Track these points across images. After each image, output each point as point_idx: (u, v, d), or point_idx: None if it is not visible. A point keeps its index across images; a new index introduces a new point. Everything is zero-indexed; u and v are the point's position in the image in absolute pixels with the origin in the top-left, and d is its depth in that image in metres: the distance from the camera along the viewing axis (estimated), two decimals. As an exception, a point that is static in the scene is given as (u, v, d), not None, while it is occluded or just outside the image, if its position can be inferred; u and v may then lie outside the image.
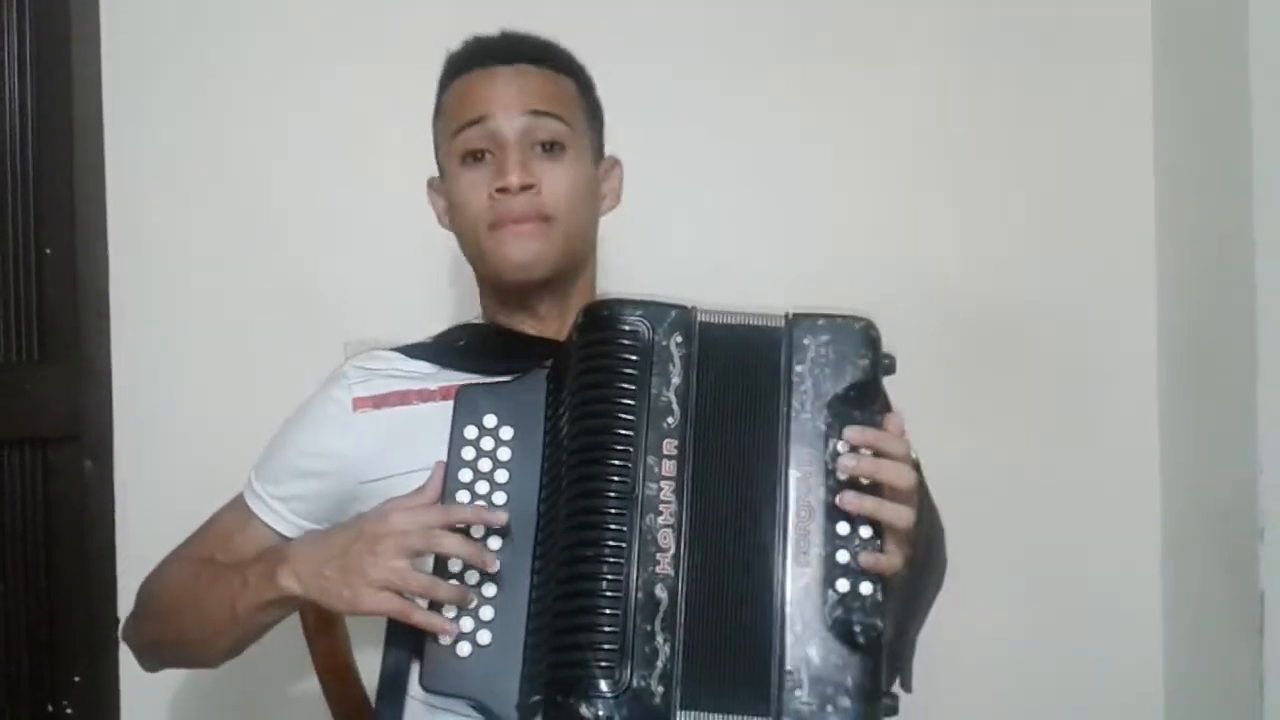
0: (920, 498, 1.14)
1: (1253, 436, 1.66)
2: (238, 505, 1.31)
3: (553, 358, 1.21)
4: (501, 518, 1.12)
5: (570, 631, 1.07)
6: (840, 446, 1.10)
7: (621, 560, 1.07)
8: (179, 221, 1.82)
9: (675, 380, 1.13)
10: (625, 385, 1.12)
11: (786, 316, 1.16)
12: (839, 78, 1.88)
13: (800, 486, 1.10)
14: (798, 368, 1.13)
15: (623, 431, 1.11)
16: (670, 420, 1.12)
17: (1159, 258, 1.90)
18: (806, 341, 1.14)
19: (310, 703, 1.53)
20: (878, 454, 1.10)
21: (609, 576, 1.07)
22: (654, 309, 1.15)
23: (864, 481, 1.09)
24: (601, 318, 1.16)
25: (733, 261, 1.85)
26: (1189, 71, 1.84)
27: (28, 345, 1.81)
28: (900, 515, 1.10)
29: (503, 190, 1.26)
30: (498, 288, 1.33)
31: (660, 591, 1.07)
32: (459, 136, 1.30)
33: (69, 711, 1.81)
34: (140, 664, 1.35)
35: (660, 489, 1.10)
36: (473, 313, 1.41)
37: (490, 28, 1.78)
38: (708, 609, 1.08)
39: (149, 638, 1.32)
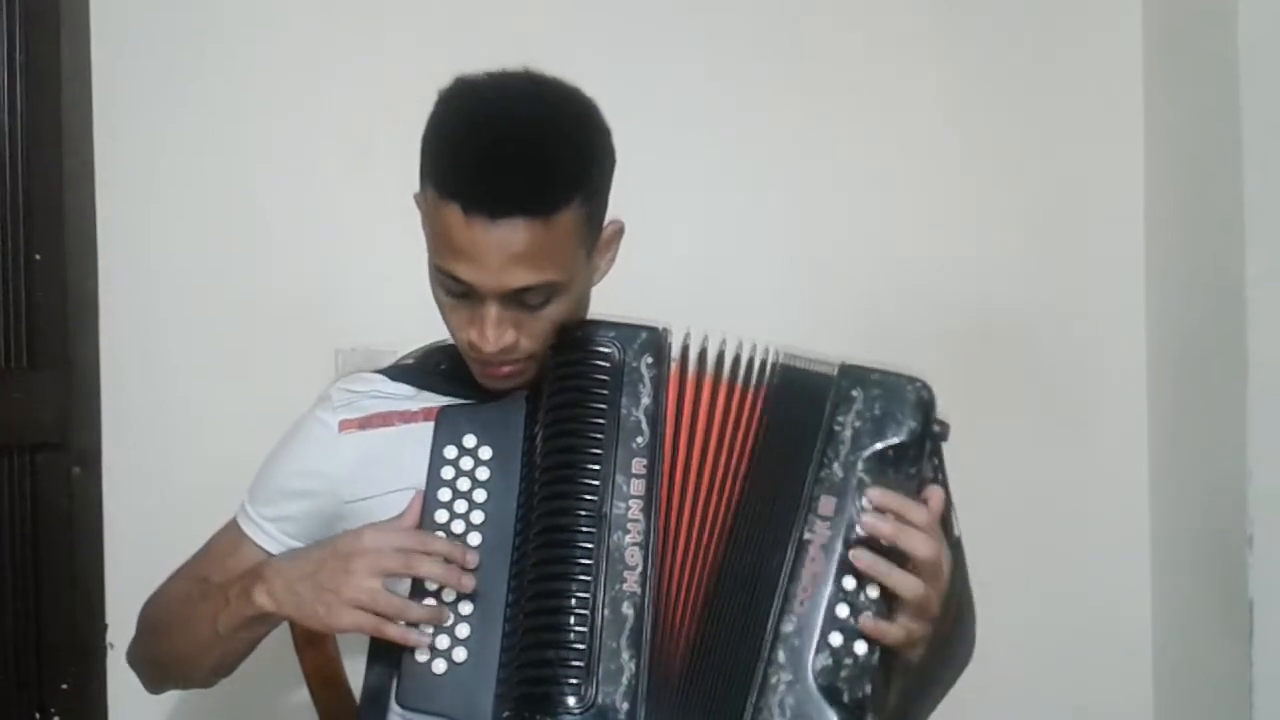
0: (951, 578, 1.12)
1: (1242, 444, 1.67)
2: (231, 527, 1.32)
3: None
4: (473, 559, 1.12)
5: (539, 648, 1.09)
6: (865, 503, 1.09)
7: (589, 578, 1.09)
8: (169, 227, 1.82)
9: (645, 400, 1.14)
10: (596, 405, 1.14)
11: (840, 366, 1.16)
12: (833, 84, 1.89)
13: (818, 534, 1.09)
14: (840, 418, 1.13)
15: (592, 451, 1.12)
16: (640, 440, 1.13)
17: (1149, 266, 1.91)
18: (854, 394, 1.13)
19: (300, 713, 1.53)
20: (901, 520, 1.08)
21: (577, 594, 1.09)
22: (625, 331, 1.16)
23: (883, 543, 1.08)
24: (575, 339, 1.17)
25: (728, 266, 1.86)
26: (1179, 76, 1.85)
27: (16, 351, 1.80)
28: (908, 585, 1.07)
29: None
30: None
31: (627, 609, 1.09)
32: (437, 263, 1.16)
33: (56, 719, 1.80)
34: (145, 687, 1.37)
35: (629, 508, 1.11)
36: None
37: (489, 28, 1.80)
38: (686, 632, 1.10)
39: (146, 658, 1.34)
